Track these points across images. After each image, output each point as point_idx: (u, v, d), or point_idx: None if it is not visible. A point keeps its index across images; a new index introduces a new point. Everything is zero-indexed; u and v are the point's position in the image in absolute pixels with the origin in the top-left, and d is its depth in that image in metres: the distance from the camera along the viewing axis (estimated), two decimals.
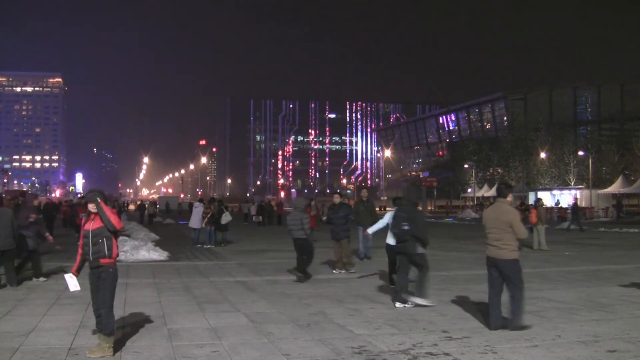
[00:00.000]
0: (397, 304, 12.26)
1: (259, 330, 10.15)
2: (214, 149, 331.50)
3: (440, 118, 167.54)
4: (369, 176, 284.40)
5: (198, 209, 27.90)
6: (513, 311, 10.21)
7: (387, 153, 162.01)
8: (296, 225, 16.68)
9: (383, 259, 18.31)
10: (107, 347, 8.57)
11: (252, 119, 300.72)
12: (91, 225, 8.68)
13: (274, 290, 14.64)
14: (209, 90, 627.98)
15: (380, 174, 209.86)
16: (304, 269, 16.52)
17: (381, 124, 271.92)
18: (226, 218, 28.00)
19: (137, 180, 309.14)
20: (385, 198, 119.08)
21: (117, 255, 8.84)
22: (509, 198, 10.65)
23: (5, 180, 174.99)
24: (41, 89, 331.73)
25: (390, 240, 14.35)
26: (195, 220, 27.60)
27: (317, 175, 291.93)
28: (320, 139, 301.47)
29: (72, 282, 8.89)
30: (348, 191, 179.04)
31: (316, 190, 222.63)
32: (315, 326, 10.52)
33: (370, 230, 16.31)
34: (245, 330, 10.18)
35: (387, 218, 15.01)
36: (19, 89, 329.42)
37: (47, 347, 9.08)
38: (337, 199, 18.91)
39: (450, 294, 14.08)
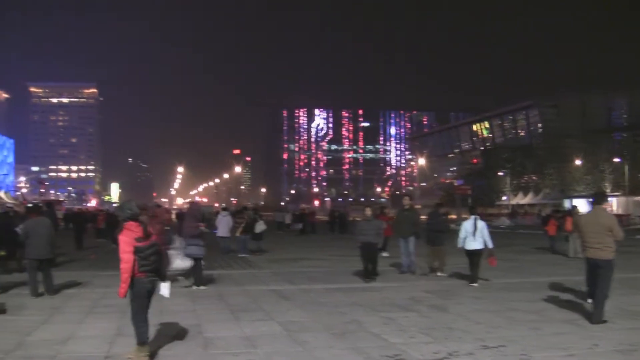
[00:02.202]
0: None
1: (293, 339, 10.17)
2: (248, 158, 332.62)
3: (473, 125, 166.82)
4: (403, 184, 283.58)
5: (226, 218, 27.92)
6: (596, 307, 11.22)
7: (421, 161, 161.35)
8: (370, 231, 17.68)
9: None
10: (142, 356, 8.67)
11: (285, 128, 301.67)
12: None
13: (308, 298, 14.65)
14: (243, 100, 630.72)
15: (414, 182, 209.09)
16: (374, 270, 18.05)
17: (415, 131, 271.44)
18: (260, 227, 28.05)
19: (171, 189, 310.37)
20: (420, 206, 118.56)
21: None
22: (605, 205, 12.02)
23: (42, 190, 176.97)
24: (77, 99, 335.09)
25: (471, 245, 16.82)
26: (223, 229, 27.58)
27: (351, 184, 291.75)
28: (354, 147, 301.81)
29: (165, 287, 9.33)
30: (382, 199, 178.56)
31: (350, 199, 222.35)
32: (349, 335, 10.52)
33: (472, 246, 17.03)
34: (280, 339, 10.20)
35: (466, 227, 17.01)
36: (55, 100, 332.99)
37: (84, 355, 9.19)
38: (440, 208, 20.27)
39: (485, 301, 14.00)
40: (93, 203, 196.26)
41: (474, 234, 16.84)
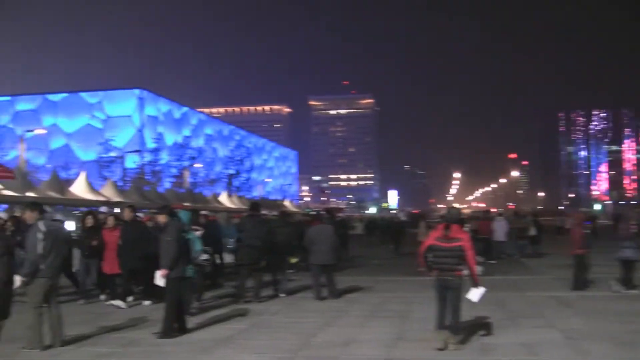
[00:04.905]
0: None
1: (574, 347, 9.86)
2: (525, 162, 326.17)
3: None
4: None
5: (502, 223, 27.74)
6: None
7: None
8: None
9: None
10: (438, 339, 9.78)
11: (562, 130, 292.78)
12: None
13: (591, 306, 14.07)
14: (519, 103, 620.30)
15: None
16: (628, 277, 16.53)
17: None
18: (531, 231, 28.18)
19: (448, 195, 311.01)
20: None
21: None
22: None
23: (323, 198, 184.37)
24: (354, 110, 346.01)
25: None
26: (500, 234, 27.42)
27: (635, 186, 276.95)
28: (637, 147, 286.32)
29: (475, 292, 9.98)
30: None
31: (634, 202, 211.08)
32: (635, 345, 10.02)
33: None
34: (560, 347, 9.93)
35: None
36: (333, 112, 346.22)
37: (364, 358, 9.48)
38: None
39: None
40: (372, 210, 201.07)
41: None
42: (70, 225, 21.94)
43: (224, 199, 51.18)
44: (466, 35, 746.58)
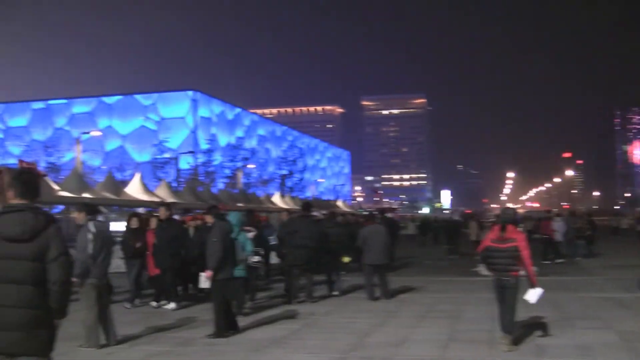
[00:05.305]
0: None
1: (630, 349, 9.68)
2: (580, 161, 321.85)
3: None
4: None
5: (559, 224, 27.48)
6: None
7: None
8: None
9: None
10: (503, 343, 9.72)
11: (618, 128, 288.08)
12: None
13: None
14: (573, 101, 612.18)
15: None
16: None
17: None
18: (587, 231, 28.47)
19: (501, 195, 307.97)
20: None
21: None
22: None
23: (376, 199, 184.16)
24: (406, 110, 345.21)
25: None
26: (558, 234, 27.21)
27: None
28: None
29: (532, 293, 9.89)
30: None
31: None
32: None
33: None
34: (616, 350, 9.75)
35: None
36: (385, 112, 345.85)
37: (418, 358, 9.44)
38: None
39: None
40: (425, 210, 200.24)
41: None
42: (121, 226, 22.15)
43: (277, 199, 51.32)
44: (519, 34, 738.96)
